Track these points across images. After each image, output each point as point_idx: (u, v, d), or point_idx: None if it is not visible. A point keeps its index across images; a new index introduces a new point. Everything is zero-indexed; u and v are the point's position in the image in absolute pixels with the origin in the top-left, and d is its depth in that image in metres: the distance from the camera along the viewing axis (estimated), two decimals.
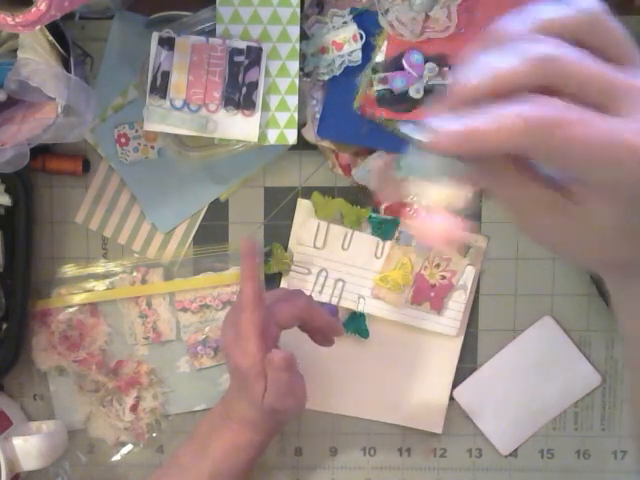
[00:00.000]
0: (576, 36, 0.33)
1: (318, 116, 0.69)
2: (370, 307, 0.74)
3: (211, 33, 0.66)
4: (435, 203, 0.35)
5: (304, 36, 0.67)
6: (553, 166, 0.35)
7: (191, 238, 0.75)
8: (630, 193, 0.34)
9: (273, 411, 0.62)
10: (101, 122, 0.73)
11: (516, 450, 0.76)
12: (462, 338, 0.74)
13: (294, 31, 0.66)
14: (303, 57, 0.68)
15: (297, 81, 0.67)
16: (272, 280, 0.74)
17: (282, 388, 0.61)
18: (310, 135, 0.70)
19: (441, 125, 0.32)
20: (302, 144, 0.70)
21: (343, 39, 0.67)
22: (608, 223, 0.36)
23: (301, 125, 0.69)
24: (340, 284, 0.74)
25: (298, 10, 0.66)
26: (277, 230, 0.75)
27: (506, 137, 0.32)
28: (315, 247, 0.74)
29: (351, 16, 0.67)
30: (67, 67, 0.65)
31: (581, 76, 0.32)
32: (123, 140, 0.73)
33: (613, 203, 0.35)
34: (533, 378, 0.74)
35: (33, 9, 0.52)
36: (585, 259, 0.41)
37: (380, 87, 0.66)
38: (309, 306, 0.64)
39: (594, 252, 0.38)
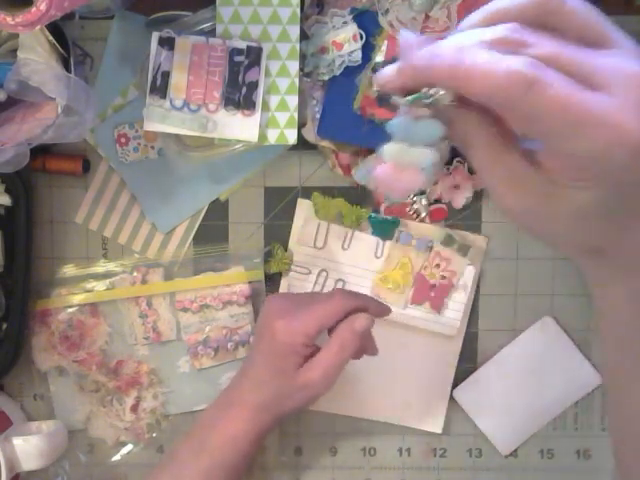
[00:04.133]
0: (539, 19, 0.34)
1: (318, 116, 0.69)
2: None
3: (211, 33, 0.66)
4: (402, 160, 0.37)
5: (304, 36, 0.67)
6: (527, 129, 0.34)
7: (191, 238, 0.75)
8: (610, 174, 0.33)
9: (308, 383, 0.63)
10: (101, 122, 0.73)
11: (516, 450, 0.76)
12: (462, 338, 0.74)
13: (294, 31, 0.66)
14: (303, 57, 0.68)
15: (297, 81, 0.67)
16: (272, 280, 0.74)
17: (340, 362, 0.62)
18: (310, 135, 0.70)
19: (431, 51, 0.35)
20: (302, 144, 0.70)
21: (343, 39, 0.67)
22: (582, 204, 0.35)
23: (301, 125, 0.69)
24: (340, 284, 0.74)
25: (298, 10, 0.66)
26: (277, 230, 0.75)
27: (489, 79, 0.32)
28: (315, 247, 0.74)
29: (351, 16, 0.67)
30: (67, 67, 0.65)
31: (580, 20, 0.33)
32: (123, 140, 0.73)
33: (594, 183, 0.34)
34: (533, 378, 0.74)
35: (33, 9, 0.52)
36: (555, 240, 0.40)
37: None
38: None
39: (564, 233, 0.38)
